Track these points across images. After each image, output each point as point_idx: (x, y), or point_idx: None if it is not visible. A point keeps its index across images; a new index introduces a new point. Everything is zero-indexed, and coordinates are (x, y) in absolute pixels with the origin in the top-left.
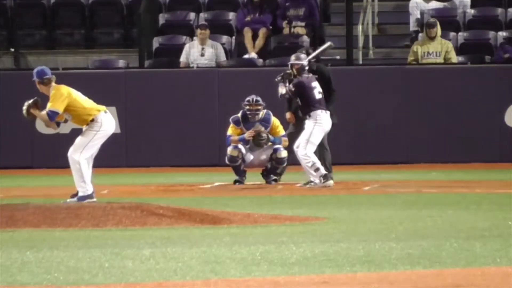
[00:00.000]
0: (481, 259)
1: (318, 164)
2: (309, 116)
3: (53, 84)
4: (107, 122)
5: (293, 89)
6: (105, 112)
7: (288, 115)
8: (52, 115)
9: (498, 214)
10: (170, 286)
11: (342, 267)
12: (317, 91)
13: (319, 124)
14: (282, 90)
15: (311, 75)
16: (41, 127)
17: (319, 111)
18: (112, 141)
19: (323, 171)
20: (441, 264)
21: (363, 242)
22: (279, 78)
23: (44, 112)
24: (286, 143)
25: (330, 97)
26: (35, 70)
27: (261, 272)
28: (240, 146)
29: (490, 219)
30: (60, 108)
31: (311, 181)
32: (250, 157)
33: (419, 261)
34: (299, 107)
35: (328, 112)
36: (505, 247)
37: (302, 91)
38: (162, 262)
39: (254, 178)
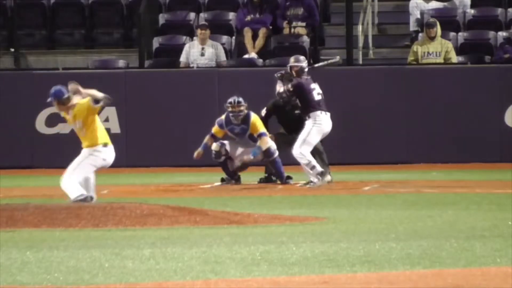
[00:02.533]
0: (481, 259)
1: (314, 162)
2: (309, 117)
3: (73, 102)
4: (109, 154)
5: (291, 89)
6: (111, 145)
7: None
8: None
9: (498, 214)
10: (170, 286)
11: (342, 267)
12: (316, 93)
13: (317, 125)
14: (280, 89)
15: (310, 77)
16: (41, 127)
17: (318, 112)
18: (112, 141)
19: (319, 168)
20: (441, 264)
21: (363, 242)
22: (279, 75)
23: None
24: (266, 139)
25: None
26: (52, 91)
27: (261, 272)
28: (224, 142)
29: (490, 219)
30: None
31: (311, 181)
32: (237, 151)
33: (419, 261)
34: (299, 108)
35: (328, 114)
36: (505, 247)
37: (301, 92)
38: (162, 262)
39: (254, 178)
